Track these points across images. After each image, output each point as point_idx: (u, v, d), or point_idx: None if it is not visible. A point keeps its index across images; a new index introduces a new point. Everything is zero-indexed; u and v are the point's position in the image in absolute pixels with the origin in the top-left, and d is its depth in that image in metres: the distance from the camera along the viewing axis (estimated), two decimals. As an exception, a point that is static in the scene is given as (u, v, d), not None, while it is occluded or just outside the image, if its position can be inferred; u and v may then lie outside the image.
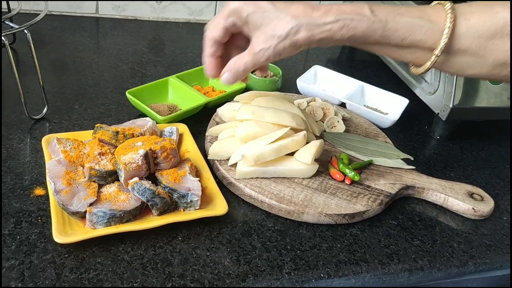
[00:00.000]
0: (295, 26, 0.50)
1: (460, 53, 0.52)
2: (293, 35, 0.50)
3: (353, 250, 0.59)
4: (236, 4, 0.51)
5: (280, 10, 0.50)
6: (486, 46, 0.51)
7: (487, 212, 0.67)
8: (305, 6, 0.50)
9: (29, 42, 0.68)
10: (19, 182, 0.60)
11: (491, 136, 0.91)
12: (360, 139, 0.76)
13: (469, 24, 0.51)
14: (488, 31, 0.51)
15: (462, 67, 0.54)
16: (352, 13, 0.50)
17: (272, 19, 0.50)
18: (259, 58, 0.53)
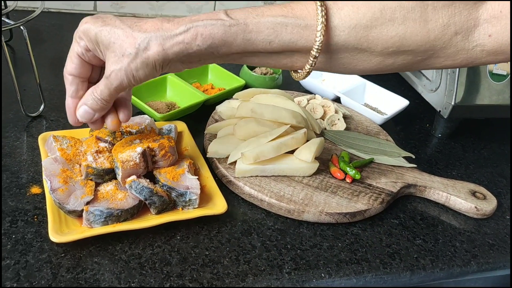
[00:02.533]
0: (143, 40, 0.44)
1: (340, 49, 0.47)
2: (142, 51, 0.45)
3: (354, 250, 0.58)
4: (84, 25, 0.46)
5: (128, 26, 0.45)
6: (367, 35, 0.46)
7: (490, 211, 0.67)
8: (156, 20, 0.46)
9: (25, 39, 0.67)
10: (15, 181, 0.59)
11: (493, 134, 0.90)
12: (361, 137, 0.76)
13: (343, 14, 0.45)
14: (364, 19, 0.45)
15: (349, 63, 0.49)
16: (205, 19, 0.45)
17: (120, 35, 0.45)
18: (112, 82, 0.47)
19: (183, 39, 0.45)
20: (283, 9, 0.46)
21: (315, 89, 0.88)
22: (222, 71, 0.86)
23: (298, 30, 0.45)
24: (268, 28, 0.45)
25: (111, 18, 0.46)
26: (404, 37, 0.46)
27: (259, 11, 0.46)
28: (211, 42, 0.45)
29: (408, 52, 0.47)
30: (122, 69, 0.46)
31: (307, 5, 0.46)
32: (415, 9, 0.45)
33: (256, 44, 0.46)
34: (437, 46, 0.47)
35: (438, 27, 0.46)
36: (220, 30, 0.45)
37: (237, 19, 0.45)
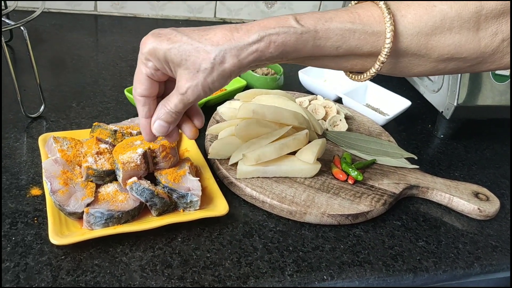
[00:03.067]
0: (218, 54, 0.44)
1: (400, 54, 0.49)
2: (219, 65, 0.45)
3: (356, 251, 0.58)
4: (149, 46, 0.45)
5: (197, 40, 0.45)
6: (427, 43, 0.48)
7: (493, 212, 0.66)
8: (223, 29, 0.45)
9: (26, 39, 0.67)
10: (15, 182, 0.59)
11: (496, 135, 0.89)
12: (363, 138, 0.75)
13: (406, 21, 0.47)
14: (426, 27, 0.47)
15: (405, 67, 0.50)
16: (276, 26, 0.45)
17: (191, 51, 0.45)
18: (189, 99, 0.47)
19: (257, 48, 0.45)
20: (350, 15, 0.47)
21: (317, 90, 0.88)
22: (223, 72, 0.86)
23: (365, 37, 0.47)
24: (336, 34, 0.46)
25: (175, 34, 0.46)
26: (459, 45, 0.48)
27: (327, 17, 0.47)
28: (283, 49, 0.46)
29: (460, 59, 0.50)
30: (199, 84, 0.46)
31: (372, 10, 0.47)
32: (470, 19, 0.47)
33: (324, 50, 0.47)
34: (487, 53, 0.49)
35: (488, 36, 0.48)
36: (293, 38, 0.45)
37: (307, 27, 0.45)
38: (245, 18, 1.18)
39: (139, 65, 0.48)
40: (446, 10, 0.47)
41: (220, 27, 0.46)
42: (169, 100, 0.49)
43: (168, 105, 0.49)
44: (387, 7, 0.47)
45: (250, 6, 1.17)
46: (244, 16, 1.18)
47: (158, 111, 0.50)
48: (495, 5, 0.47)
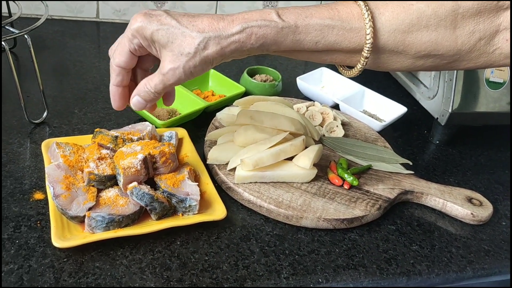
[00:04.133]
0: (202, 41, 0.47)
1: (378, 50, 0.50)
2: (202, 51, 0.47)
3: (351, 255, 0.59)
4: (138, 23, 0.48)
5: (185, 26, 0.47)
6: (404, 40, 0.49)
7: (486, 217, 0.68)
8: (210, 18, 0.48)
9: (29, 47, 0.68)
10: (19, 187, 0.60)
11: (491, 141, 0.91)
12: (359, 144, 0.77)
13: (384, 19, 0.49)
14: (403, 24, 0.49)
15: (384, 63, 0.52)
16: (258, 19, 0.48)
17: (178, 35, 0.47)
18: (169, 79, 0.49)
19: (239, 38, 0.48)
20: (330, 11, 0.49)
21: (315, 96, 0.90)
22: (223, 78, 0.88)
23: (343, 33, 0.49)
24: (316, 30, 0.49)
25: (165, 16, 0.48)
26: (436, 43, 0.50)
27: (308, 12, 0.49)
28: (263, 41, 0.48)
29: (437, 56, 0.51)
30: (181, 67, 0.48)
31: (351, 8, 0.49)
32: (447, 18, 0.49)
33: (304, 44, 0.49)
34: (463, 51, 0.51)
35: (465, 34, 0.50)
36: (273, 31, 0.48)
37: (288, 21, 0.48)
38: (244, 25, 1.20)
39: (124, 39, 0.50)
40: (423, 9, 0.49)
41: (207, 15, 0.49)
42: (151, 80, 0.51)
43: (149, 84, 0.51)
44: (366, 5, 0.49)
45: (250, 13, 1.18)
46: (244, 23, 1.20)
47: (139, 88, 0.52)
48: (472, 4, 0.49)
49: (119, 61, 0.51)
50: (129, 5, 1.10)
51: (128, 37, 0.49)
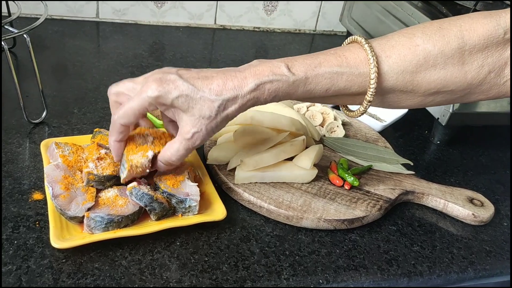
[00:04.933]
0: (221, 103, 0.49)
1: (388, 91, 0.52)
2: (221, 112, 0.50)
3: (352, 256, 0.59)
4: (156, 92, 0.48)
5: (202, 90, 0.49)
6: (412, 80, 0.51)
7: (487, 218, 0.67)
8: (223, 78, 0.49)
9: (29, 47, 0.68)
10: (17, 187, 0.60)
11: (492, 141, 0.90)
12: (359, 144, 0.76)
13: (391, 61, 0.50)
14: (410, 65, 0.50)
15: (394, 102, 0.54)
16: (269, 74, 0.49)
17: (197, 100, 0.49)
18: (194, 142, 0.52)
19: (254, 95, 0.50)
20: (338, 58, 0.51)
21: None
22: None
23: (352, 78, 0.50)
24: (325, 78, 0.50)
25: (181, 82, 0.49)
26: (445, 80, 0.51)
27: (317, 62, 0.50)
28: (276, 94, 0.51)
29: (447, 92, 0.52)
30: (203, 129, 0.51)
31: (358, 53, 0.51)
32: (454, 55, 0.50)
33: (314, 93, 0.51)
34: (473, 85, 0.52)
35: (474, 69, 0.51)
36: (284, 85, 0.50)
37: (298, 74, 0.50)
38: (245, 25, 1.20)
39: (138, 104, 0.50)
40: (429, 49, 0.50)
41: (219, 74, 0.50)
42: (171, 147, 0.53)
43: (173, 149, 0.53)
44: (372, 49, 0.50)
45: (250, 13, 1.19)
46: (244, 23, 1.20)
47: (163, 155, 0.54)
48: (478, 40, 0.50)
49: (126, 121, 0.52)
50: (129, 5, 1.09)
51: (143, 105, 0.50)
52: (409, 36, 0.51)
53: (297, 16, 1.22)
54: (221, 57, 1.05)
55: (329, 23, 1.25)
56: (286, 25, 1.23)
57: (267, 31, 1.22)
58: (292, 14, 1.21)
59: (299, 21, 1.23)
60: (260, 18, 1.20)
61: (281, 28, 1.23)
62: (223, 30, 1.19)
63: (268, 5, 1.18)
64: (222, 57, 1.05)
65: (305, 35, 1.25)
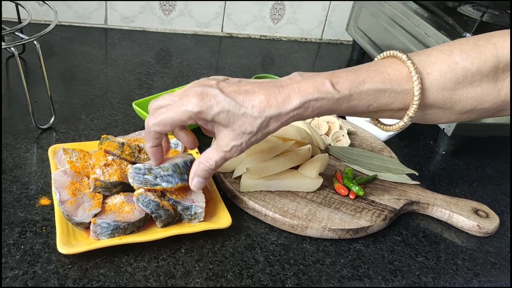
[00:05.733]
0: (264, 121, 0.49)
1: (427, 108, 0.52)
2: (263, 129, 0.50)
3: (356, 266, 0.59)
4: (197, 108, 0.48)
5: (244, 106, 0.48)
6: (451, 97, 0.51)
7: (492, 229, 0.67)
8: (266, 94, 0.49)
9: (38, 53, 0.69)
10: (25, 192, 0.60)
11: (497, 152, 0.90)
12: (365, 154, 0.76)
13: (432, 78, 0.51)
14: (450, 83, 0.51)
15: (431, 119, 0.54)
16: (314, 92, 0.49)
17: (239, 116, 0.49)
18: (232, 154, 0.52)
19: (297, 112, 0.50)
20: (380, 75, 0.51)
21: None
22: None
23: (395, 95, 0.51)
24: (369, 95, 0.51)
25: (222, 96, 0.48)
26: (481, 97, 0.52)
27: (360, 79, 0.51)
28: (319, 111, 0.51)
29: (482, 109, 0.53)
30: (243, 144, 0.51)
31: (400, 69, 0.51)
32: (489, 73, 0.51)
33: (357, 109, 0.52)
34: (506, 102, 0.53)
35: (506, 85, 0.52)
36: (329, 102, 0.50)
37: (343, 91, 0.50)
38: (251, 33, 1.21)
39: (177, 116, 0.49)
40: (468, 67, 0.50)
41: (259, 89, 0.49)
42: (209, 158, 0.53)
43: (208, 163, 0.53)
44: (414, 66, 0.50)
45: (257, 22, 1.19)
46: (251, 31, 1.20)
47: (196, 169, 0.54)
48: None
49: (163, 130, 0.52)
50: (137, 12, 1.10)
51: (182, 118, 0.49)
52: (448, 53, 0.51)
53: (303, 25, 1.23)
54: (228, 64, 1.06)
55: (335, 32, 1.26)
56: (293, 33, 1.24)
57: (273, 39, 1.23)
58: (298, 23, 1.22)
59: (305, 29, 1.24)
60: (267, 27, 1.21)
61: (287, 36, 1.24)
62: (230, 38, 1.20)
63: (274, 13, 1.19)
64: (229, 65, 1.06)
65: (311, 44, 1.26)
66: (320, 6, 1.21)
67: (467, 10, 0.97)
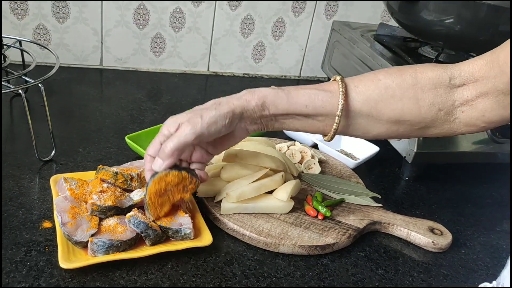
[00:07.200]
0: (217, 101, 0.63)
1: (356, 115, 0.63)
2: (218, 105, 0.62)
3: (323, 278, 0.67)
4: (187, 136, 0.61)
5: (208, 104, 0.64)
6: (376, 106, 0.62)
7: (445, 245, 0.75)
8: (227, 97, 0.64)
9: (42, 94, 0.78)
10: (29, 216, 0.68)
11: (457, 178, 0.99)
12: (334, 180, 0.85)
13: (358, 90, 0.62)
14: (373, 94, 0.62)
15: (364, 128, 0.64)
16: (262, 88, 0.63)
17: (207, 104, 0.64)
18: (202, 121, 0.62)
19: (246, 98, 0.63)
20: (316, 86, 0.64)
21: (296, 136, 0.99)
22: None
23: (327, 99, 0.62)
24: (304, 95, 0.63)
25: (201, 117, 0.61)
26: (402, 110, 0.62)
27: (299, 87, 0.64)
28: (263, 101, 0.62)
29: (406, 122, 0.63)
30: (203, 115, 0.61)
31: (332, 84, 0.64)
32: (409, 90, 0.62)
33: (296, 106, 0.63)
34: (427, 119, 0.63)
35: (426, 105, 0.62)
36: (272, 93, 0.63)
37: (283, 89, 0.64)
38: (235, 72, 1.32)
39: (184, 139, 0.62)
40: (389, 83, 0.62)
41: None
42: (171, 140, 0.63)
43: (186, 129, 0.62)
44: (342, 80, 0.63)
45: (240, 62, 1.30)
46: (235, 70, 1.31)
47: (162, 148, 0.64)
48: (428, 81, 0.61)
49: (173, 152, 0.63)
50: (130, 54, 1.21)
51: (189, 142, 0.62)
52: (374, 74, 0.64)
53: (282, 63, 1.34)
54: (213, 101, 1.16)
55: (312, 70, 1.37)
56: (273, 71, 1.35)
57: (255, 77, 1.34)
58: (278, 62, 1.33)
59: (284, 68, 1.35)
60: (249, 66, 1.32)
61: (268, 74, 1.35)
62: (215, 76, 1.30)
63: (256, 54, 1.30)
64: (214, 101, 1.16)
65: (290, 81, 1.36)
66: (297, 46, 1.32)
67: (426, 50, 1.08)
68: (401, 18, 1.04)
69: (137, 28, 1.18)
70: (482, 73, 0.58)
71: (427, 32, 0.99)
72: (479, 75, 0.59)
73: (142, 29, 1.19)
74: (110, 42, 1.18)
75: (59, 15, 1.12)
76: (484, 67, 0.58)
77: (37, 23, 1.12)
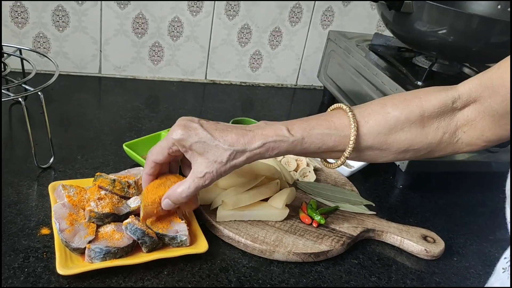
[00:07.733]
0: (232, 153, 0.61)
1: (367, 149, 0.64)
2: (231, 160, 0.61)
3: (317, 285, 0.68)
4: (179, 136, 0.61)
5: (218, 139, 0.60)
6: (386, 140, 0.63)
7: (438, 253, 0.77)
8: (236, 134, 0.61)
9: (41, 102, 0.79)
10: (28, 223, 0.69)
11: (450, 186, 1.01)
12: (329, 188, 0.87)
13: (369, 125, 0.63)
14: (384, 129, 0.63)
15: (372, 158, 0.66)
16: (273, 136, 0.62)
17: (212, 147, 0.60)
18: (204, 181, 0.62)
19: (260, 151, 0.62)
20: (327, 123, 0.63)
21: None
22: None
23: (339, 139, 0.63)
24: (318, 139, 0.63)
25: (201, 130, 0.61)
26: (411, 140, 0.64)
27: (311, 125, 0.63)
28: (278, 152, 0.63)
29: (414, 150, 0.65)
30: (214, 171, 0.62)
31: (343, 119, 0.63)
32: (416, 121, 0.63)
33: (309, 150, 0.64)
34: (433, 144, 0.64)
35: (432, 131, 0.63)
36: (285, 144, 0.62)
37: (296, 135, 0.62)
38: (232, 80, 1.33)
39: (165, 144, 0.63)
40: (398, 116, 0.63)
41: (234, 130, 0.62)
42: (183, 184, 0.63)
43: (181, 188, 0.63)
44: (354, 116, 0.63)
45: (237, 70, 1.32)
46: (232, 79, 1.33)
47: (170, 192, 0.64)
48: (434, 109, 0.63)
49: (156, 158, 0.64)
50: (128, 62, 1.22)
51: (169, 143, 0.62)
52: (382, 106, 0.64)
53: (279, 72, 1.36)
54: (211, 109, 1.17)
55: (308, 78, 1.39)
56: (270, 80, 1.36)
57: (252, 85, 1.36)
58: (275, 70, 1.35)
59: (281, 76, 1.37)
60: (246, 74, 1.33)
61: (265, 83, 1.37)
62: (213, 84, 1.32)
63: (253, 62, 1.32)
64: (212, 109, 1.17)
65: (287, 89, 1.38)
66: (294, 55, 1.34)
67: (420, 60, 1.10)
68: (395, 29, 1.06)
69: (135, 36, 1.20)
70: (478, 93, 0.60)
71: (421, 42, 1.01)
72: (476, 96, 0.60)
73: (140, 38, 1.20)
74: (109, 50, 1.19)
75: (59, 24, 1.14)
76: (478, 87, 0.60)
77: (37, 31, 1.13)
